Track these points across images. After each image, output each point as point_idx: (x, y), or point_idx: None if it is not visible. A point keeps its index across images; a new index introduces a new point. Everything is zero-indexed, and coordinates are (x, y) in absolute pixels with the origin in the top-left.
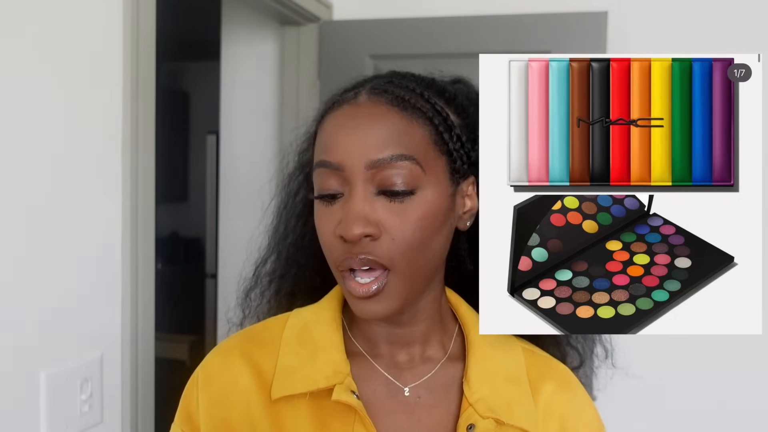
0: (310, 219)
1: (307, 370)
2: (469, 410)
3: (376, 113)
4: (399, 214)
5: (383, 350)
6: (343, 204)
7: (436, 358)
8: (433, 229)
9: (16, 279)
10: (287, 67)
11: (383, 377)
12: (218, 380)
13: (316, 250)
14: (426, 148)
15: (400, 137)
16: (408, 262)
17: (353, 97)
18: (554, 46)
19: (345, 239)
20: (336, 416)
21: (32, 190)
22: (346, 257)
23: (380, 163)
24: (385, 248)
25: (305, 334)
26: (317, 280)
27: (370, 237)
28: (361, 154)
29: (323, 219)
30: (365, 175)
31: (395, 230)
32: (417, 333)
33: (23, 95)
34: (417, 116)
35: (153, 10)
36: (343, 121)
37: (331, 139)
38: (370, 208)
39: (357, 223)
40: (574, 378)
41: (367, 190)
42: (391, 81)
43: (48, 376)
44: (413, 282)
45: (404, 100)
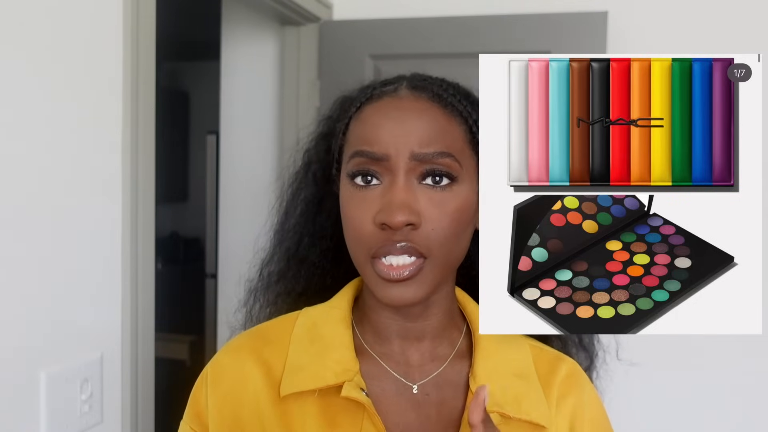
0: (318, 217)
1: (316, 367)
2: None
3: (419, 107)
4: (439, 205)
5: (394, 346)
6: (383, 192)
7: (444, 356)
8: (465, 223)
9: (16, 279)
10: (287, 67)
11: (392, 375)
12: (228, 378)
13: (324, 249)
14: (462, 146)
15: (443, 134)
16: (444, 253)
17: (393, 91)
18: (554, 46)
19: (388, 226)
20: (345, 413)
21: (32, 190)
22: (385, 244)
23: (424, 157)
24: (423, 237)
25: (315, 332)
26: (328, 279)
27: (412, 226)
28: (406, 146)
29: (357, 205)
30: (408, 165)
31: (435, 220)
32: (429, 328)
33: (23, 95)
34: (455, 114)
35: (153, 10)
36: (387, 112)
37: (374, 129)
38: (413, 198)
39: (402, 211)
40: (582, 373)
41: (410, 180)
42: (425, 79)
43: (48, 376)
44: (443, 272)
45: (443, 97)
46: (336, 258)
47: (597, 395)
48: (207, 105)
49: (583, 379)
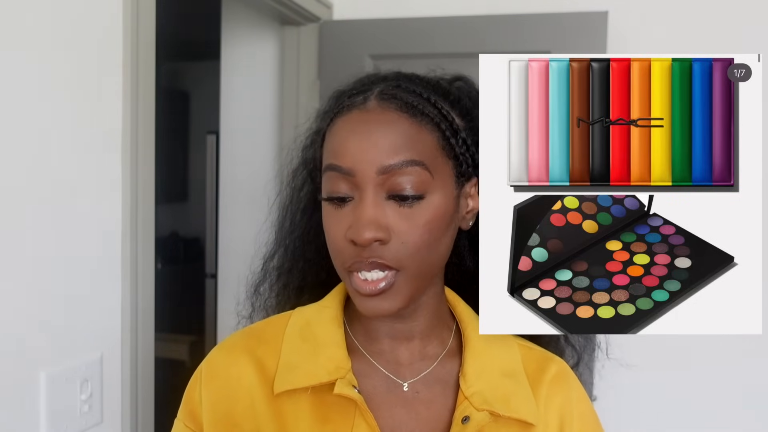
0: (315, 214)
1: (309, 365)
2: (464, 403)
3: (386, 119)
4: (408, 218)
5: (384, 346)
6: (353, 208)
7: (434, 355)
8: (440, 232)
9: (16, 279)
10: (287, 67)
11: (382, 374)
12: (221, 375)
13: (321, 245)
14: (434, 154)
15: (411, 143)
16: (416, 264)
17: (362, 102)
18: (554, 46)
19: (356, 243)
20: (337, 410)
21: (32, 190)
22: (356, 260)
23: (391, 168)
24: (393, 251)
25: (307, 331)
26: (323, 274)
27: (380, 241)
28: (372, 160)
29: (333, 222)
30: (376, 180)
31: (404, 234)
32: (417, 328)
33: (23, 95)
34: (425, 122)
35: (153, 10)
36: (353, 126)
37: (341, 143)
38: (381, 213)
39: (368, 228)
40: (570, 371)
41: (378, 195)
42: (398, 85)
43: (48, 376)
44: (419, 281)
45: (413, 106)
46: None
47: (585, 393)
48: (207, 105)
49: (571, 377)
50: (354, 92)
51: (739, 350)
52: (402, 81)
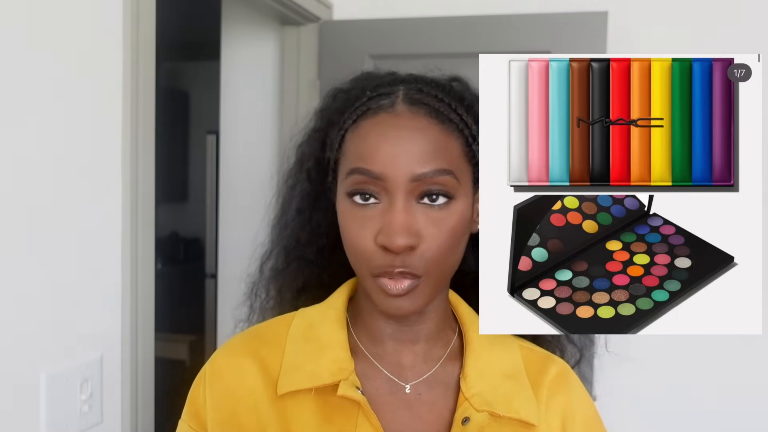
0: (314, 214)
1: (312, 366)
2: (465, 404)
3: (417, 126)
4: (436, 224)
5: (388, 348)
6: (382, 212)
7: (437, 357)
8: (461, 237)
9: (16, 279)
10: (287, 67)
11: (385, 375)
12: (226, 376)
13: (323, 247)
14: (459, 161)
15: (440, 151)
16: (438, 268)
17: (390, 106)
18: (554, 46)
19: (389, 249)
20: (340, 411)
21: (32, 190)
22: (385, 268)
23: (423, 176)
24: (419, 257)
25: (311, 332)
26: (325, 276)
27: (411, 247)
28: (405, 167)
29: (357, 224)
30: (408, 186)
31: (432, 239)
32: (423, 331)
33: (23, 95)
34: (452, 129)
35: (153, 10)
36: (384, 131)
37: (371, 148)
38: (413, 219)
39: (402, 234)
40: (571, 372)
41: (409, 201)
42: (421, 89)
43: (48, 376)
44: (438, 284)
45: (441, 112)
46: (332, 255)
47: (587, 393)
48: (207, 105)
49: (572, 378)
50: (375, 94)
51: (738, 350)
52: (422, 84)
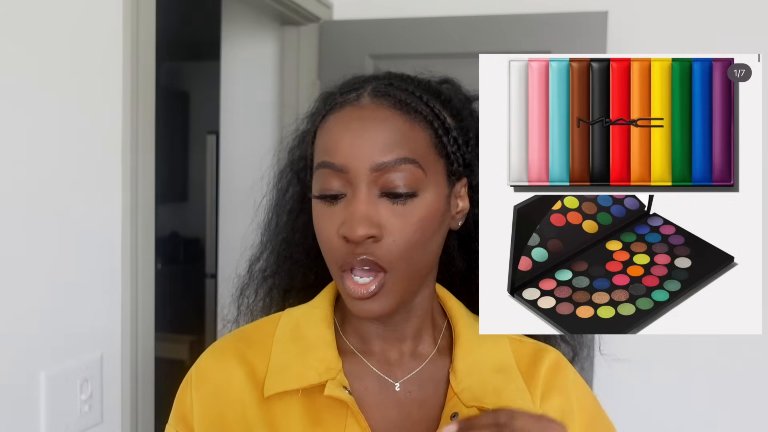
0: (301, 215)
1: (299, 367)
2: (453, 399)
3: (380, 116)
4: (401, 216)
5: (375, 347)
6: (345, 205)
7: (425, 353)
8: (431, 231)
9: (16, 279)
10: (287, 67)
11: (374, 374)
12: (212, 379)
13: (309, 247)
14: (427, 151)
15: (404, 140)
16: (406, 263)
17: (356, 99)
18: (554, 46)
19: (348, 240)
20: (328, 412)
21: (32, 190)
22: (348, 257)
23: (385, 165)
24: (385, 249)
25: (297, 332)
26: (311, 276)
27: (373, 238)
28: (366, 157)
29: (325, 219)
30: (369, 177)
31: (397, 232)
32: (409, 329)
33: (23, 95)
34: (418, 120)
35: (153, 10)
36: (347, 123)
37: (334, 140)
38: (374, 210)
39: (361, 225)
40: (563, 360)
41: (371, 192)
42: (391, 83)
43: (48, 376)
44: (409, 282)
45: (407, 103)
46: (319, 256)
47: (581, 379)
48: (207, 105)
49: (566, 367)
50: (345, 90)
51: (738, 350)
52: (394, 80)
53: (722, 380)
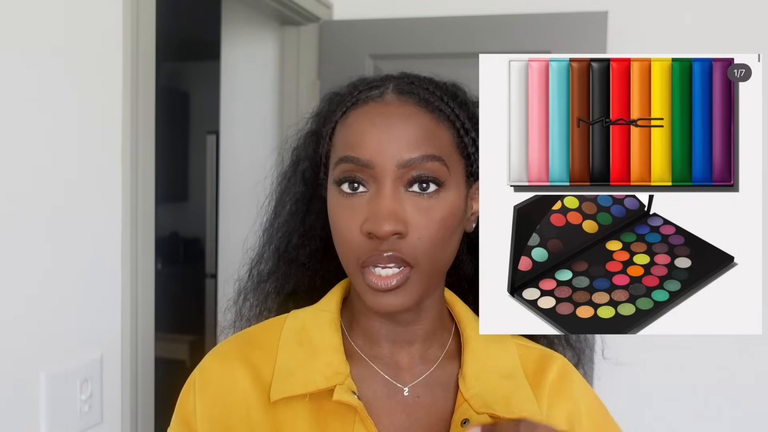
0: (307, 217)
1: (306, 371)
2: (464, 405)
3: (406, 113)
4: (425, 213)
5: (384, 350)
6: (369, 201)
7: (434, 357)
8: (452, 229)
9: (16, 279)
10: (287, 67)
11: (382, 378)
12: (216, 383)
13: (315, 250)
14: (450, 150)
15: (430, 138)
16: (430, 261)
17: (379, 96)
18: (554, 46)
19: (374, 236)
20: (336, 417)
21: (32, 190)
22: (373, 254)
23: (412, 162)
24: (410, 246)
25: (303, 335)
26: (317, 280)
27: (398, 235)
28: (393, 153)
29: (345, 214)
30: (395, 173)
31: (423, 229)
32: (419, 331)
33: (22, 95)
34: (442, 119)
35: (153, 10)
36: (371, 119)
37: (359, 136)
38: (400, 207)
39: (389, 220)
40: (570, 367)
41: (396, 188)
42: (412, 82)
43: (48, 376)
44: (430, 279)
45: (430, 102)
46: (325, 259)
47: (588, 386)
48: (207, 105)
49: (572, 373)
50: (365, 87)
51: (738, 350)
52: (414, 79)
53: (722, 380)
